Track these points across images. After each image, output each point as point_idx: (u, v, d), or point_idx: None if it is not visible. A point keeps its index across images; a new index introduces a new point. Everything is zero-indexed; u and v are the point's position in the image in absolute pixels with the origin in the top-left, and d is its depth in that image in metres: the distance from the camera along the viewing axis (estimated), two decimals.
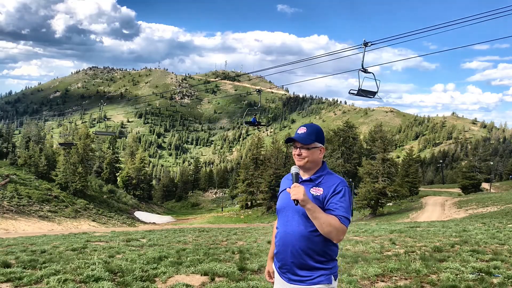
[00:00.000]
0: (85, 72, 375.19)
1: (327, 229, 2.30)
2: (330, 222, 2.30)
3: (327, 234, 2.32)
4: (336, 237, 2.34)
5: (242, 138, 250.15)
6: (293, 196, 2.27)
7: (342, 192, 2.42)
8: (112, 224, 41.27)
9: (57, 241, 11.24)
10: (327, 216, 2.32)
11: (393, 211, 43.51)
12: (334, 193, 2.41)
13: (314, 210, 2.29)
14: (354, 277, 5.73)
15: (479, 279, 5.48)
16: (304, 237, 2.40)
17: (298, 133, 2.54)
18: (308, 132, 2.52)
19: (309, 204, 2.28)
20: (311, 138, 2.51)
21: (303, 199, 2.26)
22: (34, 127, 64.48)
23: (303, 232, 2.41)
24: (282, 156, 59.30)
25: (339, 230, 2.31)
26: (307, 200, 2.28)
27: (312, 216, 2.30)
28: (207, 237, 11.86)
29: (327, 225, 2.29)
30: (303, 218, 2.41)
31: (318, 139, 2.53)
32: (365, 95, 12.49)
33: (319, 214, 2.30)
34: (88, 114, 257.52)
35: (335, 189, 2.42)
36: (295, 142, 2.53)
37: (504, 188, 57.89)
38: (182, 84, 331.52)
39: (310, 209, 2.28)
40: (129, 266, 6.35)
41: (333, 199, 2.40)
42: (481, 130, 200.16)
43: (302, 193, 2.26)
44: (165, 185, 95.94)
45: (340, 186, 2.43)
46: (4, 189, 36.60)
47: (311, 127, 2.54)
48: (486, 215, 23.80)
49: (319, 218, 2.29)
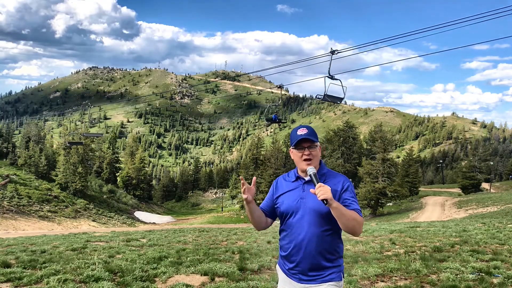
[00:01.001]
0: (85, 72, 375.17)
1: (351, 224, 2.32)
2: (354, 217, 2.33)
3: (351, 229, 2.34)
4: (359, 231, 2.38)
5: (242, 138, 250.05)
6: (322, 196, 2.25)
7: (350, 188, 2.49)
8: (112, 224, 41.27)
9: (57, 241, 11.24)
10: (350, 211, 2.35)
11: (393, 211, 43.51)
12: (343, 189, 2.47)
13: (340, 208, 2.30)
14: (354, 277, 5.73)
15: (479, 279, 5.48)
16: (317, 237, 2.43)
17: (300, 134, 2.52)
18: (310, 131, 2.53)
19: (335, 203, 2.29)
20: (315, 136, 2.54)
21: (331, 198, 2.26)
22: (34, 127, 64.42)
23: (315, 232, 2.43)
24: (282, 156, 59.28)
25: (360, 224, 2.36)
26: (333, 200, 2.29)
27: (338, 213, 2.30)
28: (207, 237, 11.86)
29: (352, 220, 2.32)
30: (314, 218, 2.43)
31: (317, 139, 2.57)
32: (331, 101, 13.28)
33: (345, 211, 2.32)
34: (88, 114, 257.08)
35: (343, 186, 2.48)
36: (302, 143, 2.51)
37: (504, 188, 57.89)
38: (182, 84, 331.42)
39: (336, 207, 2.29)
40: (129, 266, 6.35)
41: (345, 194, 2.45)
42: (481, 130, 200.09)
43: (330, 192, 2.27)
44: (165, 185, 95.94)
45: (346, 182, 2.50)
46: (4, 189, 36.59)
47: (308, 127, 2.56)
48: (486, 215, 23.80)
49: (345, 215, 2.31)
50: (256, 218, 2.64)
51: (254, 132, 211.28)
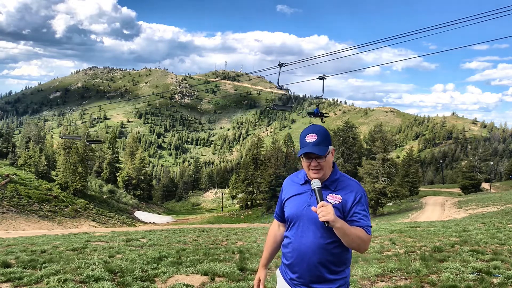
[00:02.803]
0: (85, 72, 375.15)
1: (356, 243, 2.17)
2: (359, 236, 2.17)
3: (355, 247, 2.20)
4: (364, 249, 2.22)
5: (242, 138, 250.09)
6: (323, 218, 2.09)
7: (363, 200, 2.28)
8: (112, 224, 41.28)
9: (57, 241, 11.24)
10: (355, 230, 2.17)
11: (393, 211, 43.52)
12: (355, 202, 2.26)
13: (344, 228, 2.14)
14: (354, 277, 5.73)
15: (479, 279, 5.48)
16: (321, 249, 2.25)
17: (308, 142, 2.27)
18: (320, 139, 2.26)
19: (338, 223, 2.12)
20: (326, 145, 2.28)
21: (334, 219, 2.09)
22: (34, 127, 64.51)
23: (320, 243, 2.25)
24: (282, 156, 59.33)
25: (366, 242, 2.20)
26: (337, 220, 2.11)
27: (342, 233, 2.14)
28: (207, 237, 11.86)
29: (356, 239, 2.16)
30: (320, 229, 2.25)
31: (329, 142, 2.31)
32: (281, 109, 16.27)
33: (348, 231, 2.15)
34: (88, 114, 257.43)
35: (355, 197, 2.26)
36: (308, 153, 2.27)
37: (504, 188, 57.88)
38: (182, 84, 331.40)
39: (340, 227, 2.12)
40: (129, 266, 6.35)
41: (356, 208, 2.25)
42: (481, 130, 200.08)
43: (332, 213, 2.10)
44: (165, 185, 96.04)
45: (359, 193, 2.28)
46: (4, 189, 36.59)
47: (319, 132, 2.28)
48: (486, 215, 23.77)
49: (348, 235, 2.14)
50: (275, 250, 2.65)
51: (254, 132, 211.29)
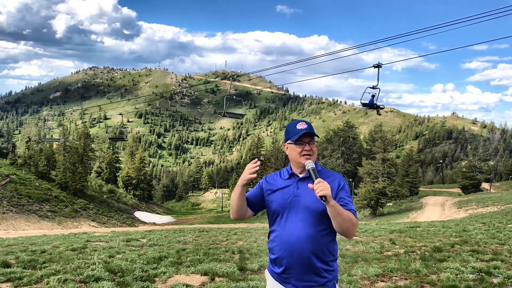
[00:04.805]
0: (85, 72, 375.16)
1: (346, 225, 2.19)
2: (350, 217, 2.19)
3: (345, 230, 2.21)
4: (353, 233, 2.24)
5: (242, 138, 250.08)
6: (321, 192, 2.10)
7: (346, 187, 2.36)
8: (112, 224, 41.29)
9: (57, 241, 11.23)
10: (347, 211, 2.20)
11: (393, 211, 43.52)
12: (340, 188, 2.33)
13: (337, 206, 2.15)
14: (354, 277, 5.73)
15: (479, 279, 5.48)
16: (311, 238, 2.26)
17: (301, 128, 2.38)
18: (310, 125, 2.41)
19: (333, 201, 2.15)
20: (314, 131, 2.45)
21: (330, 195, 2.12)
22: (34, 127, 64.50)
23: (310, 232, 2.26)
24: (282, 156, 59.35)
25: (355, 225, 2.22)
26: (331, 198, 2.15)
27: (335, 212, 2.15)
28: (207, 237, 11.85)
29: (348, 220, 2.18)
30: (308, 217, 2.28)
31: None
32: (232, 117, 17.67)
33: (341, 210, 2.17)
34: (88, 114, 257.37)
35: (339, 184, 2.34)
36: (303, 138, 2.37)
37: (504, 188, 57.87)
38: (182, 84, 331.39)
39: (334, 205, 2.14)
40: (129, 266, 6.35)
41: (341, 193, 2.31)
42: (481, 130, 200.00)
43: (329, 189, 2.12)
44: (165, 185, 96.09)
45: (342, 181, 2.37)
46: (4, 189, 36.60)
47: (306, 121, 2.44)
48: (486, 215, 23.77)
49: (341, 214, 2.16)
50: (241, 204, 2.44)
51: (254, 132, 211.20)
